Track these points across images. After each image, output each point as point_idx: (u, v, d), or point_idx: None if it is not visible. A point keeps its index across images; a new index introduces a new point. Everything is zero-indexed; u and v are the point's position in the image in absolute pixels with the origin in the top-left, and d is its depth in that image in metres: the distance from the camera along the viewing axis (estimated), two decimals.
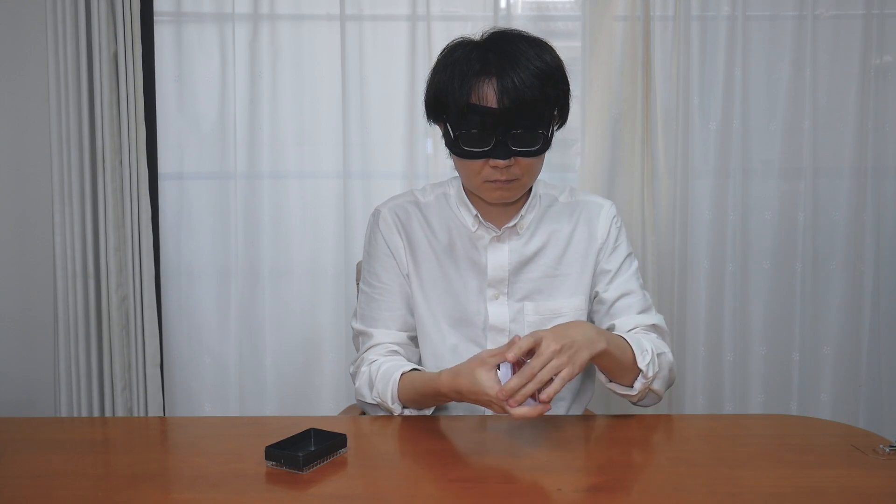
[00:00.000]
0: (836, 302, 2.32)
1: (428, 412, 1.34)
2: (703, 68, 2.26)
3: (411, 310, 1.45)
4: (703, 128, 2.28)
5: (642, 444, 1.21)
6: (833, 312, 2.32)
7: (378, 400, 1.33)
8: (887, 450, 1.11)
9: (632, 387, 1.30)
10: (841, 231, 2.30)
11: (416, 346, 1.46)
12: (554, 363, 1.11)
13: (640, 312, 1.41)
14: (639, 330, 1.38)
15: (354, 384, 1.41)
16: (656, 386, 1.32)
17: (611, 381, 1.31)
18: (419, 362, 1.46)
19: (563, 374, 1.11)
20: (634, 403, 1.35)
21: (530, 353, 1.13)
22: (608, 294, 1.42)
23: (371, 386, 1.35)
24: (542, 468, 1.09)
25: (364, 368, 1.39)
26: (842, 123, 2.27)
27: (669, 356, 1.36)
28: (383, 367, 1.36)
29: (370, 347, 1.42)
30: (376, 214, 1.48)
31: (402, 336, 1.44)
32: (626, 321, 1.39)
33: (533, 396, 1.11)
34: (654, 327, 1.40)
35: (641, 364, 1.27)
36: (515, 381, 1.09)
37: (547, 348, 1.11)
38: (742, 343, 2.32)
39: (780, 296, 2.31)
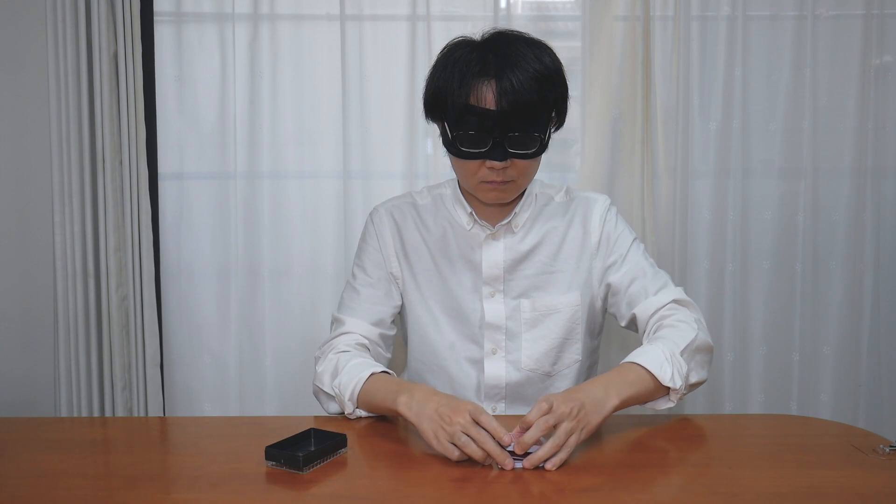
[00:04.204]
0: (836, 302, 2.31)
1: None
2: (703, 68, 2.26)
3: (392, 308, 1.45)
4: (703, 128, 2.27)
5: (642, 444, 1.21)
6: (833, 312, 2.32)
7: (336, 392, 1.31)
8: (887, 450, 1.11)
9: (669, 400, 1.28)
10: (841, 231, 2.30)
11: (386, 346, 1.46)
12: (566, 426, 1.09)
13: (656, 293, 1.39)
14: (662, 313, 1.36)
15: (316, 368, 1.38)
16: (694, 379, 1.31)
17: (647, 404, 1.30)
18: (388, 365, 1.45)
19: (571, 440, 1.10)
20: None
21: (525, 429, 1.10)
22: (621, 282, 1.41)
23: (335, 375, 1.33)
24: (543, 468, 1.08)
25: (332, 356, 1.37)
26: (842, 123, 2.27)
27: (698, 338, 1.31)
28: (354, 360, 1.34)
29: (340, 335, 1.41)
30: (373, 213, 1.51)
31: (374, 331, 1.43)
32: (645, 307, 1.38)
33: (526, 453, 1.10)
34: (674, 303, 1.37)
35: (666, 381, 1.25)
36: (533, 432, 1.08)
37: (558, 408, 1.10)
38: (742, 343, 2.32)
39: (780, 296, 2.31)
